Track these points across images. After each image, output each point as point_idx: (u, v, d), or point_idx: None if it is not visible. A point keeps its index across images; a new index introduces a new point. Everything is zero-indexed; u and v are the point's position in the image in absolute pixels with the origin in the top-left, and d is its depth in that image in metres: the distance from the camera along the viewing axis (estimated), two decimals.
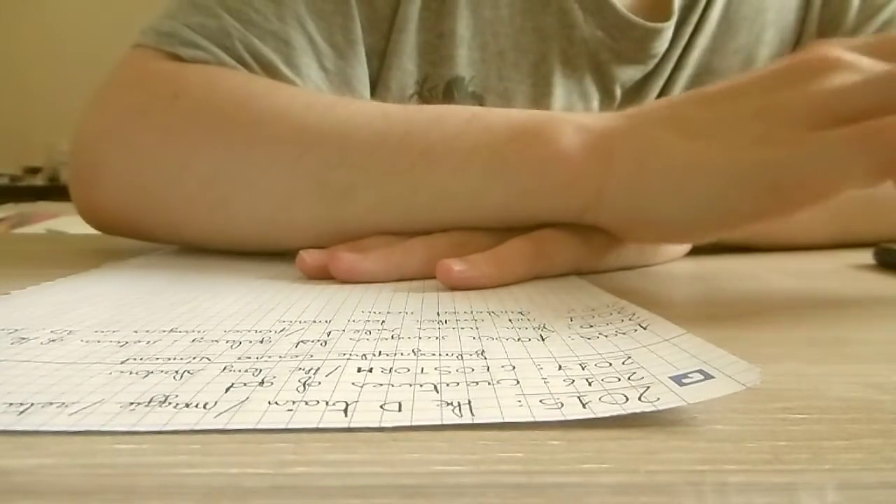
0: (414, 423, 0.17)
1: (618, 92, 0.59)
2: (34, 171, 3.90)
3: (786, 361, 0.22)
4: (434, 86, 0.55)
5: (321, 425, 0.17)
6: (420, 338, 0.24)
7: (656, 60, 0.59)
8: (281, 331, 0.25)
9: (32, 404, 0.18)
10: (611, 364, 0.21)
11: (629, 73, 0.59)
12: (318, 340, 0.24)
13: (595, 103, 0.58)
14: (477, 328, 0.25)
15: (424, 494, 0.14)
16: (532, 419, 0.17)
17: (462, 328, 0.25)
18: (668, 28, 0.57)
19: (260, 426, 0.16)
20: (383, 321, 0.27)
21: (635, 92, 0.59)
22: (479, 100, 0.56)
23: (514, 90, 0.58)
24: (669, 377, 0.19)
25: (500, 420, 0.17)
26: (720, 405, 0.18)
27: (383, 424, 0.17)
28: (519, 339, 0.24)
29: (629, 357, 0.21)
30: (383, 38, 0.53)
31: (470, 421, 0.17)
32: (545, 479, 0.14)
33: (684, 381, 0.18)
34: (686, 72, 0.60)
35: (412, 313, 0.28)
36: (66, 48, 3.74)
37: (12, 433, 0.16)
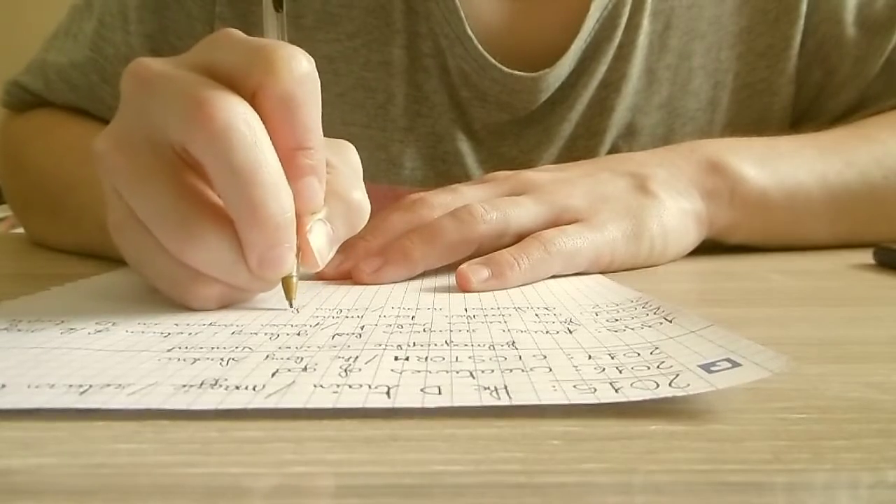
0: (455, 405, 0.17)
1: (482, 133, 0.54)
2: None
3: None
4: None
5: (366, 405, 0.17)
6: (451, 331, 0.25)
7: (529, 108, 0.53)
8: (316, 325, 0.26)
9: (91, 385, 0.18)
10: (639, 354, 0.21)
11: (494, 116, 0.54)
12: (353, 333, 0.24)
13: (459, 144, 0.54)
14: (505, 322, 0.26)
15: (424, 494, 0.14)
16: (567, 402, 0.17)
17: (491, 322, 0.26)
18: (539, 78, 0.52)
19: (309, 406, 0.17)
20: (413, 316, 0.27)
21: (512, 135, 0.55)
22: None
23: (360, 135, 0.53)
24: (698, 365, 0.19)
25: (536, 403, 0.17)
26: (720, 405, 0.18)
27: (426, 405, 0.17)
28: (547, 332, 0.24)
29: (657, 348, 0.21)
30: None
31: (508, 403, 0.17)
32: (545, 479, 0.14)
33: (713, 368, 0.19)
34: (609, 135, 0.54)
35: (441, 309, 0.29)
36: None
37: (12, 433, 0.16)
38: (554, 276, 0.36)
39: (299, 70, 0.27)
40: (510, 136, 0.55)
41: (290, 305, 0.29)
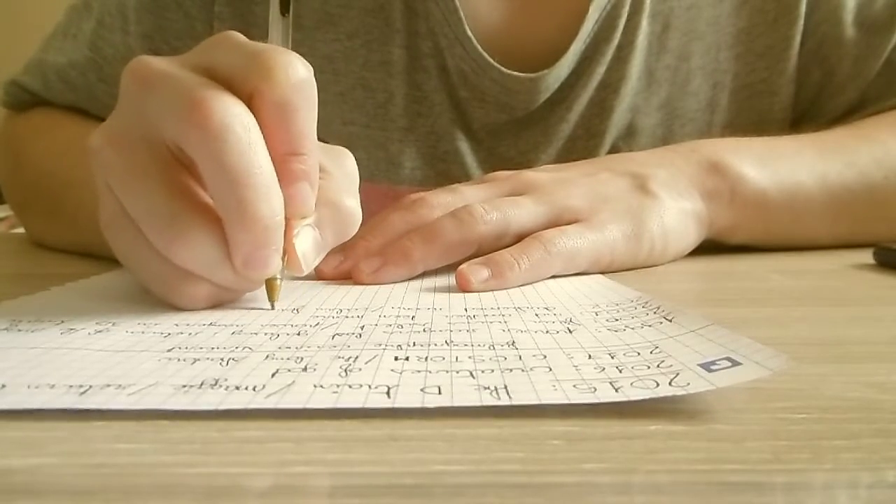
0: (455, 405, 0.17)
1: (481, 133, 0.54)
2: None
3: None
4: None
5: (367, 405, 0.17)
6: (451, 331, 0.25)
7: (528, 108, 0.53)
8: (316, 325, 0.26)
9: (91, 386, 0.18)
10: (639, 353, 0.21)
11: (493, 116, 0.54)
12: (353, 333, 0.24)
13: (458, 143, 0.54)
14: (505, 322, 0.26)
15: (424, 494, 0.14)
16: (568, 401, 0.17)
17: (491, 322, 0.26)
18: (538, 79, 0.52)
19: (309, 406, 0.17)
20: (413, 316, 0.27)
21: (511, 136, 0.54)
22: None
23: (360, 135, 0.53)
24: (698, 364, 0.19)
25: (536, 402, 0.17)
26: (720, 405, 0.18)
27: (426, 405, 0.17)
28: (547, 332, 0.24)
29: (657, 347, 0.21)
30: None
31: (508, 403, 0.17)
32: (545, 479, 0.14)
33: (713, 367, 0.19)
34: (609, 136, 0.54)
35: (441, 309, 0.29)
36: None
37: (12, 433, 0.16)
38: (554, 277, 0.36)
39: (296, 76, 0.27)
40: (509, 136, 0.55)
41: (272, 307, 0.29)
